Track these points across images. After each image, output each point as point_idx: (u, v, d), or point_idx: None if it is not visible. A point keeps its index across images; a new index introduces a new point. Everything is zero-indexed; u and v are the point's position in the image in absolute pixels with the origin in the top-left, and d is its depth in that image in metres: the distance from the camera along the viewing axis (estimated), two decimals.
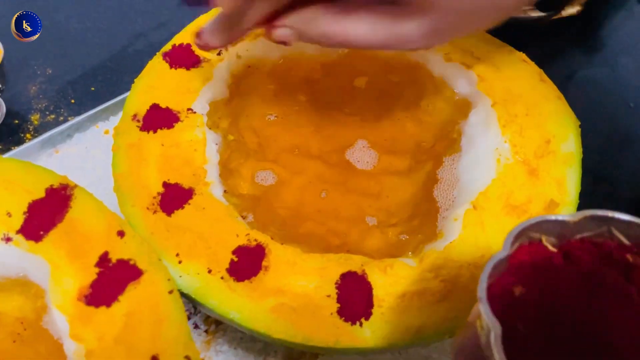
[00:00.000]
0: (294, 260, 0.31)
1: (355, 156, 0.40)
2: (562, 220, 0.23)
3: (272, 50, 0.41)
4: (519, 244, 0.23)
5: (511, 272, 0.22)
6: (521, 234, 0.22)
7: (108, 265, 0.28)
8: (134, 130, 0.35)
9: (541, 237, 0.23)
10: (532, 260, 0.23)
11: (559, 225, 0.23)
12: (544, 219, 0.23)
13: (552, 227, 0.23)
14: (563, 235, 0.23)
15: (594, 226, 0.23)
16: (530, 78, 0.39)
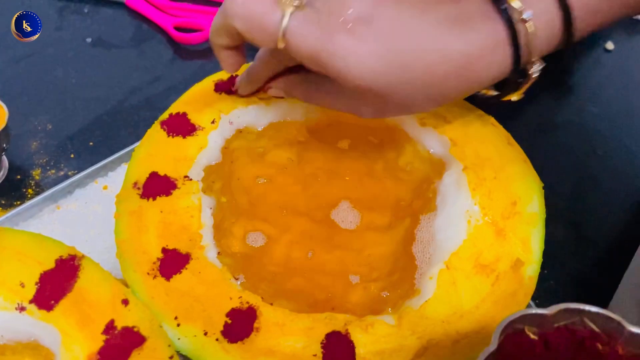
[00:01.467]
0: (283, 321, 0.34)
1: (340, 216, 0.43)
2: (541, 313, 0.28)
3: (261, 116, 0.44)
4: (506, 334, 0.27)
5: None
6: (507, 327, 0.27)
7: (114, 333, 0.30)
8: (135, 198, 0.38)
9: (524, 327, 0.28)
10: (517, 351, 0.27)
11: (539, 317, 0.28)
12: (526, 312, 0.28)
13: (532, 319, 0.28)
14: (542, 325, 0.28)
15: (569, 316, 0.28)
16: (498, 142, 0.42)
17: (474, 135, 0.43)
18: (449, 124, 0.43)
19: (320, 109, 0.45)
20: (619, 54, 0.68)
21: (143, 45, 0.63)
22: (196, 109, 0.42)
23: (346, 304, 0.39)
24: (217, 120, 0.42)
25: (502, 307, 0.35)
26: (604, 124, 0.62)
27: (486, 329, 0.35)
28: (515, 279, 0.36)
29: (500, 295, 0.36)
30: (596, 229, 0.54)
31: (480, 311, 0.35)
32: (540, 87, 0.64)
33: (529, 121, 0.62)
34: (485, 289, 0.36)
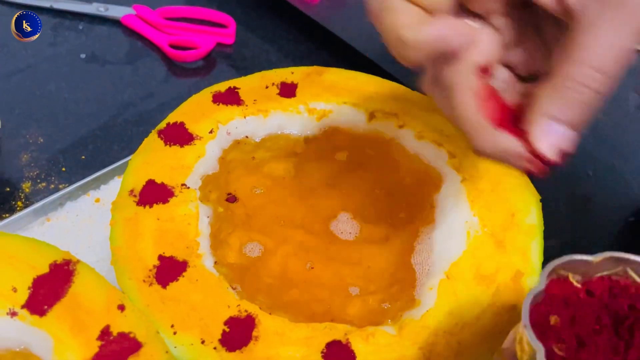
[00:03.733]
0: (282, 331, 0.33)
1: (339, 227, 0.43)
2: (585, 259, 0.28)
3: (259, 128, 0.44)
4: (550, 279, 0.28)
5: (546, 303, 0.27)
6: (552, 272, 0.28)
7: (109, 339, 0.29)
8: (131, 205, 0.37)
9: (568, 274, 0.28)
10: (562, 294, 0.28)
11: (583, 264, 0.28)
12: (571, 258, 0.28)
13: (577, 266, 0.28)
14: (586, 273, 0.28)
15: (612, 266, 0.28)
16: None
17: (471, 149, 0.43)
18: (447, 137, 0.43)
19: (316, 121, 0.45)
20: None
21: (137, 62, 0.63)
22: (194, 119, 0.42)
23: (344, 317, 0.38)
24: (214, 130, 0.42)
25: (503, 318, 0.35)
26: (593, 146, 0.63)
27: (487, 340, 0.34)
28: (515, 289, 0.36)
29: (500, 306, 0.35)
30: (589, 247, 0.54)
31: (481, 322, 0.35)
32: None
33: None
34: (485, 299, 0.36)
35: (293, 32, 0.69)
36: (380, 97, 0.46)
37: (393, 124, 0.45)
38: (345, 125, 0.46)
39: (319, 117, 0.45)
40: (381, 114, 0.45)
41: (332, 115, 0.46)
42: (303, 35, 0.68)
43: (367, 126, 0.46)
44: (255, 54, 0.66)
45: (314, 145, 0.45)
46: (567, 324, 0.27)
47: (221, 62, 0.64)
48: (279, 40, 0.68)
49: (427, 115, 0.45)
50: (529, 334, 0.25)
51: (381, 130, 0.45)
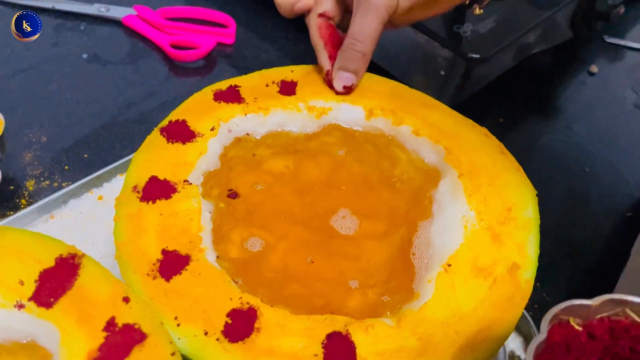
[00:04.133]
0: (284, 322, 0.34)
1: (339, 223, 0.43)
2: (585, 304, 0.29)
3: (259, 125, 0.45)
4: (552, 325, 0.29)
5: (549, 350, 0.28)
6: (553, 318, 0.29)
7: (114, 330, 0.30)
8: (134, 201, 0.38)
9: (569, 318, 0.29)
10: (563, 340, 0.28)
11: (582, 308, 0.29)
12: (570, 303, 0.29)
13: (576, 310, 0.29)
14: (586, 316, 0.29)
15: (611, 307, 0.29)
16: (492, 151, 0.43)
17: (468, 145, 0.44)
18: (444, 133, 0.44)
19: (315, 119, 0.46)
20: (603, 77, 0.71)
21: (139, 62, 0.64)
22: (196, 116, 0.43)
23: (344, 310, 0.39)
24: (216, 127, 0.43)
25: (500, 310, 0.36)
26: (590, 142, 0.64)
27: (485, 332, 0.35)
28: (512, 282, 0.37)
29: (497, 299, 0.36)
30: (586, 243, 0.55)
31: (479, 313, 0.35)
32: (529, 109, 0.66)
33: (519, 141, 0.63)
34: (483, 292, 0.36)
35: (292, 31, 0.69)
36: (378, 94, 0.47)
37: (391, 121, 0.46)
38: (345, 123, 0.47)
39: (318, 115, 0.46)
40: (379, 111, 0.46)
41: (332, 112, 0.46)
42: (302, 35, 0.69)
43: (366, 123, 0.46)
44: (255, 53, 0.67)
45: (313, 142, 0.46)
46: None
47: (222, 61, 0.65)
48: (279, 40, 0.69)
49: (424, 112, 0.46)
50: None
51: (379, 127, 0.46)
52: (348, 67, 0.46)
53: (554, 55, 0.71)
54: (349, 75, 0.46)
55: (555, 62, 0.71)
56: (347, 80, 0.46)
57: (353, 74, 0.46)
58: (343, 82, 0.46)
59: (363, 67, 0.47)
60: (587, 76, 0.71)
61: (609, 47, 0.74)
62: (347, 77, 0.46)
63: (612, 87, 0.70)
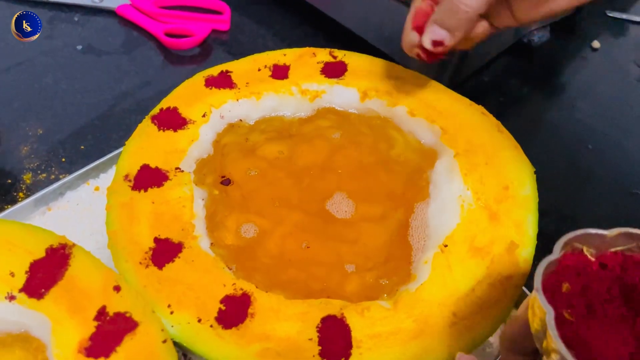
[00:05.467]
0: (278, 307, 0.34)
1: (335, 207, 0.43)
2: (600, 233, 0.28)
3: (252, 110, 0.44)
4: (565, 251, 0.28)
5: (559, 272, 0.28)
6: (567, 244, 0.28)
7: (106, 319, 0.30)
8: (126, 190, 0.38)
9: (582, 247, 0.28)
10: (575, 265, 0.28)
11: (598, 238, 0.28)
12: (586, 232, 0.28)
13: (591, 240, 0.28)
14: (600, 247, 0.28)
15: (626, 241, 0.28)
16: (489, 129, 0.42)
17: (464, 124, 0.43)
18: (439, 113, 0.43)
19: (309, 102, 0.45)
20: (605, 52, 0.69)
21: (133, 52, 0.63)
22: (187, 103, 0.43)
23: (342, 293, 0.39)
24: (208, 114, 0.42)
25: (498, 290, 0.35)
26: (593, 119, 0.63)
27: (483, 311, 0.34)
28: (511, 261, 0.36)
29: (496, 278, 0.35)
30: (589, 221, 0.54)
31: (477, 293, 0.35)
32: (530, 87, 0.65)
33: (521, 118, 0.62)
34: (480, 271, 0.36)
35: (288, 16, 0.69)
36: (372, 76, 0.46)
37: (386, 102, 0.45)
38: (339, 105, 0.46)
39: (312, 98, 0.46)
40: (374, 93, 0.45)
41: (325, 95, 0.46)
42: (298, 19, 0.68)
43: (360, 105, 0.46)
44: (251, 39, 0.66)
45: (308, 126, 0.46)
46: (579, 292, 0.27)
47: (217, 48, 0.65)
48: (275, 25, 0.68)
49: (419, 92, 0.45)
50: (540, 298, 0.26)
51: (374, 109, 0.45)
52: (445, 22, 0.38)
53: (555, 31, 0.70)
54: (442, 32, 0.38)
55: (556, 38, 0.70)
56: (438, 35, 0.38)
57: (449, 32, 0.38)
58: (433, 35, 0.39)
59: (462, 27, 0.38)
60: (589, 52, 0.70)
61: (612, 22, 0.73)
62: (440, 33, 0.38)
63: (615, 63, 0.68)
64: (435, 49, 0.39)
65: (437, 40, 0.38)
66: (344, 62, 0.47)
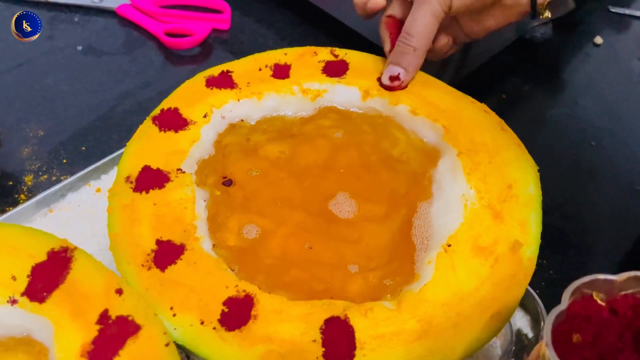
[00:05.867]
0: (281, 309, 0.33)
1: (337, 207, 0.43)
2: (609, 279, 0.28)
3: (253, 110, 0.44)
4: (574, 298, 0.28)
5: (568, 322, 0.28)
6: (576, 291, 0.28)
7: (108, 322, 0.30)
8: (128, 192, 0.38)
9: (592, 293, 0.28)
10: (585, 313, 0.28)
11: (607, 284, 0.28)
12: (594, 277, 0.28)
13: (600, 285, 0.28)
14: (609, 292, 0.28)
15: (636, 284, 0.28)
16: (492, 127, 0.42)
17: (467, 122, 0.43)
18: (442, 112, 0.43)
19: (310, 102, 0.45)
20: (608, 48, 0.69)
21: (134, 52, 0.63)
22: (188, 103, 0.42)
23: (345, 294, 0.39)
24: (209, 114, 0.42)
25: (502, 289, 0.35)
26: (595, 115, 0.62)
27: (487, 311, 0.34)
28: (514, 260, 0.36)
29: (500, 277, 0.35)
30: (593, 218, 0.54)
31: (481, 293, 0.35)
32: (532, 84, 0.65)
33: (523, 116, 0.62)
34: (484, 271, 0.35)
35: (289, 15, 0.68)
36: (374, 74, 0.46)
37: (388, 100, 0.45)
38: (340, 105, 0.46)
39: (313, 97, 0.45)
40: (375, 92, 0.45)
41: (327, 94, 0.46)
42: (299, 18, 0.68)
43: (362, 104, 0.46)
44: (251, 38, 0.66)
45: (309, 126, 0.45)
46: (590, 342, 0.27)
47: (218, 47, 0.64)
48: (275, 24, 0.68)
49: (421, 90, 0.45)
50: (551, 354, 0.26)
51: (376, 108, 0.45)
52: (399, 61, 0.45)
53: (557, 27, 0.70)
54: (397, 69, 0.45)
55: (558, 35, 0.70)
56: (393, 71, 0.45)
57: (403, 69, 0.45)
58: (389, 72, 0.45)
59: (414, 62, 0.45)
60: (591, 48, 0.69)
61: (614, 17, 0.72)
62: (395, 69, 0.45)
63: (618, 59, 0.68)
64: (393, 83, 0.45)
65: (392, 75, 0.45)
66: (345, 60, 0.47)
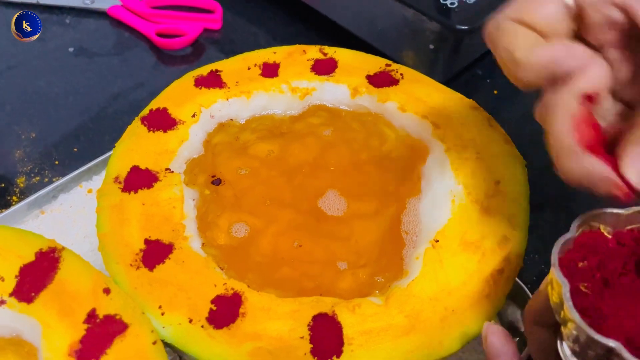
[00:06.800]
0: (269, 306, 0.34)
1: (327, 204, 0.43)
2: (617, 212, 0.29)
3: (243, 109, 0.44)
4: (582, 230, 0.29)
5: (576, 249, 0.28)
6: (584, 222, 0.29)
7: (96, 322, 0.30)
8: (116, 192, 0.38)
9: (599, 226, 0.29)
10: (591, 243, 0.29)
11: (614, 217, 0.29)
12: (602, 211, 0.29)
13: (608, 218, 0.29)
14: (616, 226, 0.29)
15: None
16: (480, 123, 0.42)
17: (455, 118, 0.43)
18: (430, 108, 0.43)
19: (299, 100, 0.45)
20: None
21: (126, 53, 0.63)
22: (176, 103, 0.42)
23: (335, 291, 0.39)
24: (197, 113, 0.42)
25: (490, 283, 0.35)
26: None
27: (475, 305, 0.34)
28: (502, 255, 0.36)
29: (487, 272, 0.35)
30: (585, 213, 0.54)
31: (468, 288, 0.35)
32: None
33: (515, 112, 0.62)
34: (472, 266, 0.36)
35: (280, 14, 0.68)
36: (363, 72, 0.46)
37: (376, 98, 0.45)
38: (329, 102, 0.46)
39: (302, 96, 0.46)
40: (364, 89, 0.45)
41: (316, 92, 0.46)
42: (291, 17, 0.68)
43: (351, 102, 0.46)
44: (243, 37, 0.66)
45: (299, 124, 0.45)
46: (595, 266, 0.28)
47: (209, 47, 0.65)
48: (267, 23, 0.68)
49: (410, 87, 0.45)
50: (557, 272, 0.26)
51: (365, 105, 0.45)
52: None
53: None
54: None
55: None
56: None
57: None
58: None
59: None
60: None
61: None
62: None
63: None
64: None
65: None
66: (334, 58, 0.47)
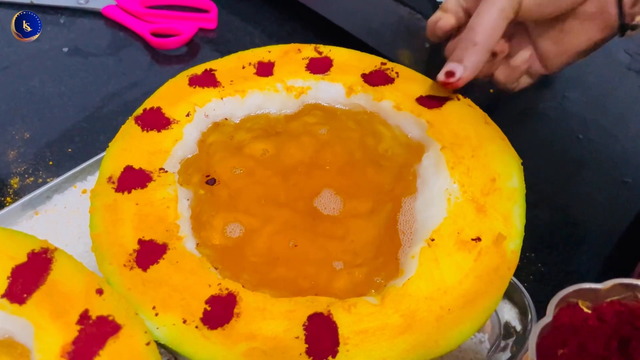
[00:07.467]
0: (264, 306, 0.33)
1: (323, 204, 0.42)
2: (594, 287, 0.28)
3: (237, 108, 0.44)
4: (560, 307, 0.28)
5: (554, 334, 0.28)
6: (561, 301, 0.28)
7: (88, 323, 0.30)
8: (110, 192, 0.37)
9: (578, 301, 0.29)
10: (571, 322, 0.28)
11: (592, 291, 0.28)
12: (579, 287, 0.28)
13: (586, 294, 0.28)
14: (595, 299, 0.28)
15: (621, 291, 0.28)
16: (476, 121, 0.42)
17: (451, 116, 0.43)
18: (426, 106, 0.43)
19: (295, 99, 0.45)
20: None
21: (120, 53, 0.63)
22: (170, 103, 0.42)
23: (331, 291, 0.38)
24: (192, 113, 0.42)
25: (486, 282, 0.35)
26: (583, 108, 0.62)
27: (471, 304, 0.34)
28: (498, 253, 0.36)
29: (483, 270, 0.35)
30: (581, 211, 0.54)
31: (464, 286, 0.35)
32: None
33: (511, 110, 0.62)
34: (467, 264, 0.35)
35: (276, 13, 0.68)
36: (358, 70, 0.46)
37: (372, 96, 0.45)
38: (325, 101, 0.46)
39: (297, 95, 0.45)
40: (359, 88, 0.45)
41: (311, 91, 0.46)
42: (286, 16, 0.68)
43: (347, 100, 0.46)
44: (238, 36, 0.66)
45: (294, 123, 0.45)
46: (575, 352, 0.27)
47: (204, 47, 0.64)
48: (262, 22, 0.68)
49: (405, 85, 0.45)
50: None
51: (361, 104, 0.45)
52: (458, 57, 0.42)
53: None
54: (455, 65, 0.42)
55: None
56: (450, 67, 0.42)
57: (461, 65, 0.42)
58: (446, 68, 0.42)
59: (473, 58, 0.42)
60: None
61: None
62: (452, 65, 0.42)
63: (605, 50, 0.68)
64: (447, 79, 0.42)
65: (447, 70, 0.42)
66: (329, 57, 0.47)
